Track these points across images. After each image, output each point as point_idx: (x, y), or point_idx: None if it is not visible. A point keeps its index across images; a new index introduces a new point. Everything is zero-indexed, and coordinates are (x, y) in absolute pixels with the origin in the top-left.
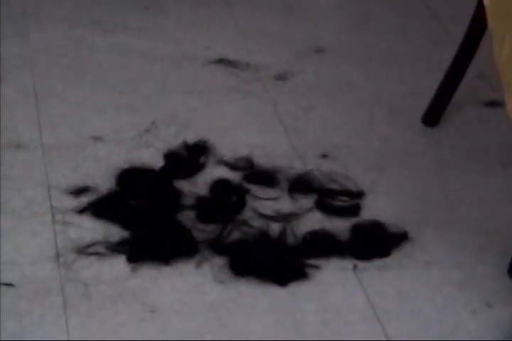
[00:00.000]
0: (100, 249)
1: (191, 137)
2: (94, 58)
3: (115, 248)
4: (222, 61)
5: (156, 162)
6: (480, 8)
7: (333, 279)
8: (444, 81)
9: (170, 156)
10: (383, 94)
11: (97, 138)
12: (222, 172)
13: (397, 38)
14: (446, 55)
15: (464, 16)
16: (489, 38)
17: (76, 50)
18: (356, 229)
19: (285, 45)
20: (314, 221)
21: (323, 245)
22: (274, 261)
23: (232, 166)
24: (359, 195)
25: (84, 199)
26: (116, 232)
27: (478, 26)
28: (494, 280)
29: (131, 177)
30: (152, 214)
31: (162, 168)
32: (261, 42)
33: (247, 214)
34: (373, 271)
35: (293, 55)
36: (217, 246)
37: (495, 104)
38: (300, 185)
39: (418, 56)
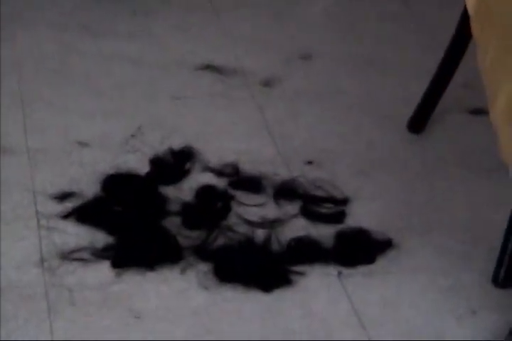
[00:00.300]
0: (85, 254)
1: (177, 143)
2: (82, 63)
3: (100, 253)
4: (209, 67)
5: (142, 167)
6: (465, 17)
7: (318, 286)
8: (429, 88)
9: (156, 162)
10: (370, 101)
11: (83, 144)
12: (207, 179)
13: (384, 45)
14: (434, 63)
15: (452, 24)
16: (475, 47)
17: (63, 55)
18: (341, 236)
19: (272, 51)
20: (299, 227)
21: (307, 251)
22: (258, 267)
23: (217, 172)
24: (344, 201)
25: (70, 205)
26: (101, 238)
27: (463, 35)
28: (479, 287)
29: (116, 183)
30: (137, 219)
31: (148, 174)
32: (248, 48)
33: (232, 220)
34: (358, 277)
35: (280, 61)
36: (202, 252)
37: (479, 111)
38: (285, 191)
39: (405, 63)
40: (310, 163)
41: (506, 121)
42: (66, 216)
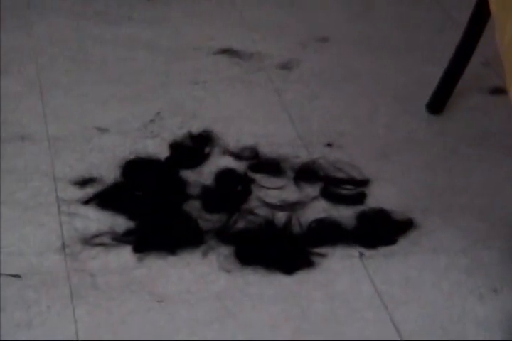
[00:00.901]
0: (106, 239)
1: (196, 127)
2: (99, 50)
3: (121, 238)
4: (226, 51)
5: (162, 152)
6: None
7: (340, 267)
8: (448, 68)
9: (175, 146)
10: (387, 83)
11: (103, 129)
12: (227, 162)
13: (400, 26)
14: (450, 43)
15: (468, 3)
16: (493, 25)
17: (80, 42)
18: (362, 217)
19: (289, 34)
20: (320, 209)
21: (329, 233)
22: (280, 249)
23: (237, 156)
24: (364, 183)
25: (90, 190)
26: (122, 223)
27: (481, 13)
28: (500, 265)
29: (136, 168)
30: (158, 204)
31: (167, 159)
32: (265, 32)
33: (252, 203)
34: (379, 258)
35: (297, 45)
36: (223, 236)
37: (500, 91)
38: (305, 173)
39: (422, 44)
40: (329, 145)
41: None
42: (87, 201)
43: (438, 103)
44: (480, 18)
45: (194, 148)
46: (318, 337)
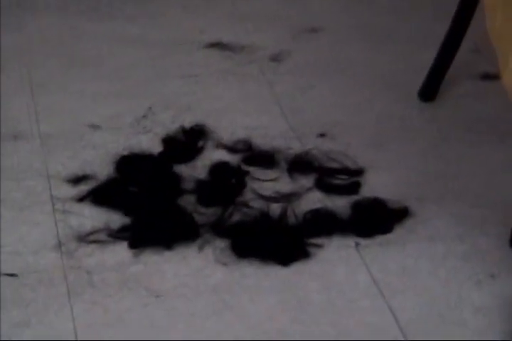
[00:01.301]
0: (102, 236)
1: (189, 121)
2: (90, 46)
3: (116, 235)
4: (217, 44)
5: (155, 147)
6: None
7: (336, 257)
8: (438, 55)
9: (168, 141)
10: (379, 71)
11: (95, 126)
12: (220, 155)
13: (392, 15)
14: (442, 30)
15: None
16: (483, 12)
17: (71, 38)
18: (357, 207)
19: (280, 25)
20: (315, 200)
21: (324, 224)
22: (275, 241)
23: (230, 149)
24: (358, 172)
25: (84, 188)
26: (117, 219)
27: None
28: (497, 251)
29: (130, 164)
30: (152, 199)
31: (161, 153)
32: (255, 24)
33: (247, 195)
34: (376, 247)
35: (288, 36)
36: (219, 229)
37: (490, 77)
38: (299, 164)
39: (413, 32)
40: (322, 135)
41: None
42: (81, 199)
43: (429, 90)
44: (469, 4)
45: (187, 142)
46: (315, 327)
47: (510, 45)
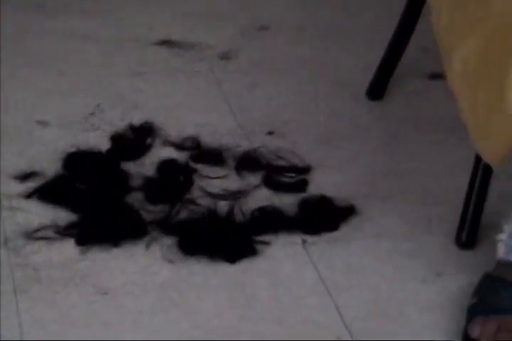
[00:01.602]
0: (49, 233)
1: (137, 119)
2: (38, 42)
3: (64, 232)
4: (165, 42)
5: (103, 144)
6: None
7: (283, 254)
8: (386, 54)
9: (116, 138)
10: (328, 70)
11: (43, 123)
12: (169, 153)
13: (340, 13)
14: (390, 29)
15: None
16: (430, 10)
17: (19, 34)
18: (304, 204)
19: (229, 23)
20: (262, 198)
21: (271, 221)
22: (223, 238)
23: (178, 146)
24: (306, 170)
25: (32, 184)
26: (64, 216)
27: None
28: (443, 249)
29: (78, 161)
30: (100, 196)
31: (109, 151)
32: (204, 22)
33: (195, 193)
34: (322, 245)
35: (237, 34)
36: (166, 226)
37: (438, 75)
38: (247, 162)
39: (362, 30)
40: (271, 133)
41: (463, 85)
42: (28, 195)
43: (377, 89)
44: (416, 3)
45: (135, 139)
46: (263, 324)
47: (454, 44)
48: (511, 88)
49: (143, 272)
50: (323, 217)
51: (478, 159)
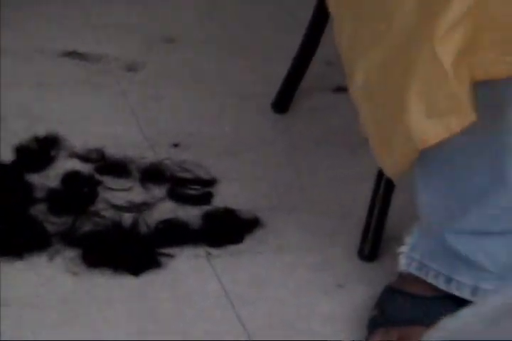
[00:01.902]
0: None
1: (42, 130)
2: None
3: None
4: (72, 53)
5: (7, 156)
6: None
7: (187, 267)
8: (291, 67)
9: (20, 150)
10: (234, 83)
11: None
12: (73, 165)
13: (247, 27)
14: (296, 42)
15: (311, 2)
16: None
17: None
18: (208, 217)
19: (135, 35)
20: (167, 210)
21: (175, 234)
22: (127, 251)
23: (83, 158)
24: (211, 182)
25: None
26: None
27: (322, 12)
28: (346, 261)
29: None
30: (3, 208)
31: (13, 162)
32: (111, 34)
33: (99, 205)
34: (227, 257)
35: (143, 46)
36: (70, 238)
37: (342, 89)
38: (152, 174)
39: (268, 44)
40: (176, 145)
41: (364, 97)
42: None
43: (283, 102)
44: (321, 17)
45: (40, 151)
46: (164, 337)
47: (357, 57)
48: (411, 101)
49: (45, 284)
50: (227, 229)
51: (380, 172)
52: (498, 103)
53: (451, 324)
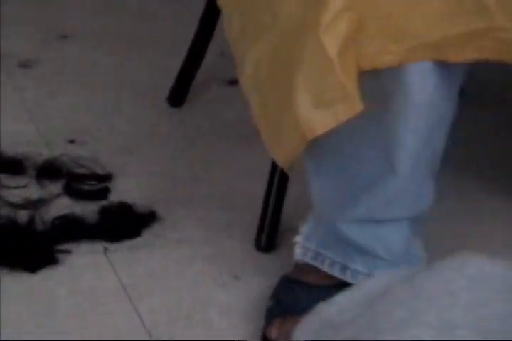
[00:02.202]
0: None
1: None
2: None
3: None
4: None
5: None
6: None
7: (84, 263)
8: (185, 61)
9: None
10: (129, 78)
11: None
12: None
13: (141, 21)
14: (190, 35)
15: None
16: None
17: None
18: (104, 212)
19: (29, 31)
20: (63, 206)
21: (72, 229)
22: (23, 247)
23: None
24: (107, 178)
25: None
26: None
27: (214, 5)
28: (243, 253)
29: None
30: None
31: None
32: (4, 30)
33: None
34: (124, 252)
35: (37, 42)
36: None
37: (236, 81)
38: (48, 171)
39: (163, 37)
40: (72, 141)
41: (253, 87)
42: None
43: (178, 96)
44: (213, 9)
45: None
46: (63, 333)
47: (246, 48)
48: (299, 91)
49: None
50: (124, 224)
51: (274, 164)
52: (384, 93)
53: (327, 309)
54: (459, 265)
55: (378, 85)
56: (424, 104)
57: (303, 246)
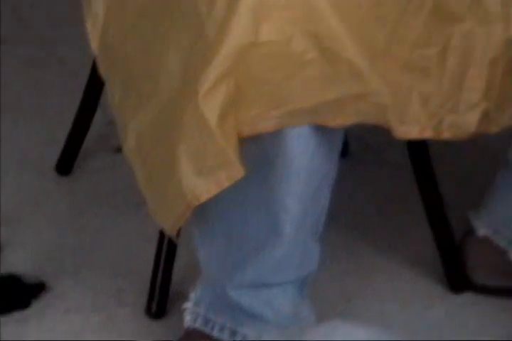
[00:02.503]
0: None
1: None
2: None
3: None
4: None
5: None
6: None
7: None
8: (72, 129)
9: None
10: (16, 146)
11: None
12: None
13: (28, 89)
14: (77, 104)
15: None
16: None
17: None
18: None
19: None
20: None
21: None
22: None
23: None
24: None
25: None
26: None
27: (98, 74)
28: (133, 320)
29: None
30: None
31: None
32: None
33: None
34: (13, 324)
35: None
36: None
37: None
38: None
39: (51, 106)
40: None
41: (138, 159)
42: None
43: (65, 164)
44: (97, 79)
45: None
46: None
47: (128, 119)
48: (181, 160)
49: None
50: (12, 296)
51: (162, 231)
52: (267, 157)
53: None
54: (329, 332)
55: (261, 150)
56: (305, 167)
57: (193, 311)
